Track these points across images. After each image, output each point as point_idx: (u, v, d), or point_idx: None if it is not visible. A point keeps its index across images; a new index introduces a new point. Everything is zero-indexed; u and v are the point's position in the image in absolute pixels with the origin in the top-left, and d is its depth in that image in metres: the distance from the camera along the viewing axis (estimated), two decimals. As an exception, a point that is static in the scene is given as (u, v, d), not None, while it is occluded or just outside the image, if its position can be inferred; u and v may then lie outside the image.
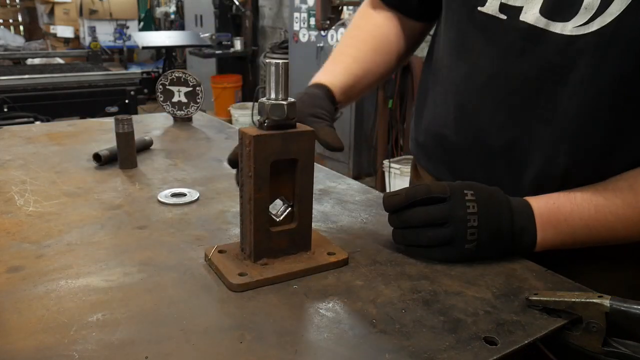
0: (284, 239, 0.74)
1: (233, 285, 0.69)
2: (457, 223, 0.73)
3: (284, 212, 0.75)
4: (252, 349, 0.57)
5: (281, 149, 0.70)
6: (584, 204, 0.75)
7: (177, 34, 6.68)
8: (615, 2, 0.65)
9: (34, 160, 1.18)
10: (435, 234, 0.74)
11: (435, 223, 0.74)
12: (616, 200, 0.73)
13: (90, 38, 8.41)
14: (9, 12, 10.55)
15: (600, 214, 0.74)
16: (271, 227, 0.74)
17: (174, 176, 1.11)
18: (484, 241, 0.74)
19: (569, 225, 0.75)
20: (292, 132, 0.71)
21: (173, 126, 1.51)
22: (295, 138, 0.71)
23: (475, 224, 0.73)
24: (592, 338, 0.62)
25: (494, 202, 0.75)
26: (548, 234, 0.76)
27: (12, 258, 0.75)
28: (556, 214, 0.75)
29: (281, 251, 0.74)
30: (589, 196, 0.75)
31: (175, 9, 8.09)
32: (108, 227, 0.86)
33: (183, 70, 1.49)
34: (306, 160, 0.72)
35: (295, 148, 0.71)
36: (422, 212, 0.75)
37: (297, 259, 0.74)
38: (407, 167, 3.68)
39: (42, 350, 0.56)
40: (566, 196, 0.76)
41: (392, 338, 0.60)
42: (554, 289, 0.71)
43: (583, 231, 0.75)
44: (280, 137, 0.70)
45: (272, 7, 6.19)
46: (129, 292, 0.68)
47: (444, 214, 0.73)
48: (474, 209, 0.73)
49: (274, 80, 0.70)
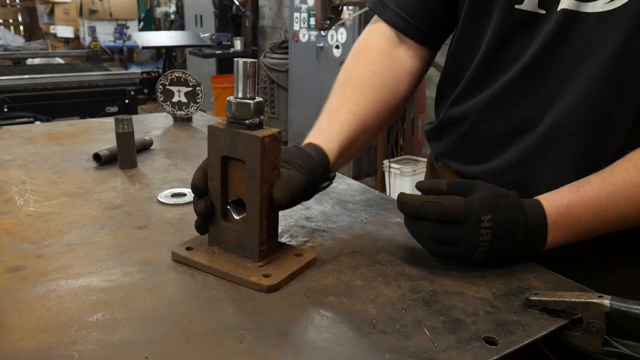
0: (232, 236, 0.75)
1: (172, 254, 0.76)
2: (467, 246, 0.71)
3: (242, 213, 0.74)
4: (252, 349, 0.57)
5: (229, 146, 0.71)
6: (594, 196, 0.73)
7: (177, 34, 6.68)
8: None
9: (34, 160, 1.18)
10: (442, 249, 0.73)
11: (444, 241, 0.73)
12: (625, 183, 0.71)
13: (90, 38, 8.42)
14: (9, 12, 10.55)
15: (612, 202, 0.72)
16: (224, 221, 0.75)
17: (174, 176, 1.11)
18: (491, 259, 0.73)
19: (582, 224, 0.74)
20: (238, 132, 0.70)
21: (173, 126, 1.51)
22: (242, 139, 0.70)
23: (485, 249, 0.71)
24: (592, 338, 0.62)
25: (510, 225, 0.72)
26: (558, 237, 0.75)
27: (12, 258, 0.75)
28: (569, 217, 0.74)
29: (231, 248, 0.75)
30: (599, 186, 0.73)
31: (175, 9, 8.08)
32: (108, 227, 0.86)
33: (183, 70, 1.48)
34: (252, 164, 0.70)
35: (242, 149, 0.70)
36: (432, 228, 0.72)
37: (234, 262, 0.73)
38: (407, 167, 3.68)
39: (42, 350, 0.56)
40: (577, 193, 0.74)
41: (392, 338, 0.60)
42: (554, 289, 0.71)
43: (594, 225, 0.74)
44: (228, 133, 0.71)
45: (272, 7, 6.19)
46: (129, 292, 0.68)
47: (454, 237, 0.71)
48: (487, 236, 0.70)
49: (240, 79, 0.70)
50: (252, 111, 0.70)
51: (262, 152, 0.69)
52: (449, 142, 0.97)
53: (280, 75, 5.28)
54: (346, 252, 0.80)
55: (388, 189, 3.70)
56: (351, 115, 0.89)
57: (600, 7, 0.72)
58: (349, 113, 0.89)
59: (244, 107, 0.70)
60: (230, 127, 0.71)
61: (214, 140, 0.72)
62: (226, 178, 0.74)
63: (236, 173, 0.73)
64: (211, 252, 0.76)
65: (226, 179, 0.74)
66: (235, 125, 0.71)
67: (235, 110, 0.70)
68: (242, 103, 0.70)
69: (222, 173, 0.73)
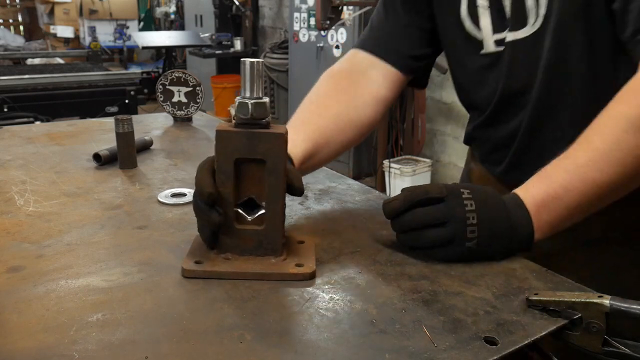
0: (250, 238, 0.74)
1: (183, 270, 0.71)
2: (457, 222, 0.73)
3: (256, 213, 0.74)
4: (252, 349, 0.57)
5: (246, 148, 0.70)
6: (569, 177, 0.75)
7: (177, 34, 6.68)
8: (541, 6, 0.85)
9: (34, 160, 1.18)
10: (437, 234, 0.75)
11: (435, 223, 0.74)
12: (594, 154, 0.74)
13: (90, 38, 8.42)
14: (9, 12, 10.55)
15: (589, 180, 0.74)
16: (237, 224, 0.74)
17: (174, 176, 1.11)
18: (484, 238, 0.74)
19: (564, 205, 0.75)
20: (258, 132, 0.70)
21: (173, 126, 1.51)
22: (262, 138, 0.70)
23: (475, 221, 0.73)
24: (592, 338, 0.62)
25: (490, 199, 0.76)
26: (543, 221, 0.76)
27: (12, 258, 0.75)
28: (545, 199, 0.76)
29: (247, 250, 0.74)
30: (574, 167, 0.75)
31: (175, 9, 8.08)
32: (108, 227, 0.86)
33: (183, 70, 1.49)
34: (275, 161, 0.71)
35: (262, 148, 0.70)
36: (421, 213, 0.75)
37: (259, 262, 0.73)
38: (407, 167, 3.68)
39: (42, 350, 0.56)
40: (550, 177, 0.76)
41: (392, 338, 0.60)
42: (554, 289, 0.71)
43: (577, 203, 0.75)
44: (245, 135, 0.70)
45: (272, 7, 6.19)
46: (129, 292, 0.68)
47: (443, 214, 0.74)
48: (472, 206, 0.74)
49: (248, 79, 0.70)
50: (268, 110, 0.70)
51: (285, 147, 0.70)
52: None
53: (280, 75, 5.28)
54: (346, 252, 0.80)
55: (388, 189, 3.70)
56: (315, 128, 0.96)
57: (525, 33, 0.89)
58: (314, 125, 0.97)
59: (260, 107, 0.70)
60: (242, 128, 0.70)
61: (225, 144, 0.71)
62: (236, 181, 0.73)
63: (248, 174, 0.72)
64: (224, 259, 0.74)
65: (236, 182, 0.73)
66: (248, 125, 0.70)
67: (254, 110, 0.69)
68: (259, 103, 0.69)
69: (234, 176, 0.72)
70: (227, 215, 0.73)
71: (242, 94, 0.71)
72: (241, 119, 0.70)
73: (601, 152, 0.74)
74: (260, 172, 0.72)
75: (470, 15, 0.95)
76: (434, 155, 4.16)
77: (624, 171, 0.73)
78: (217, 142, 0.71)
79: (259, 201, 0.74)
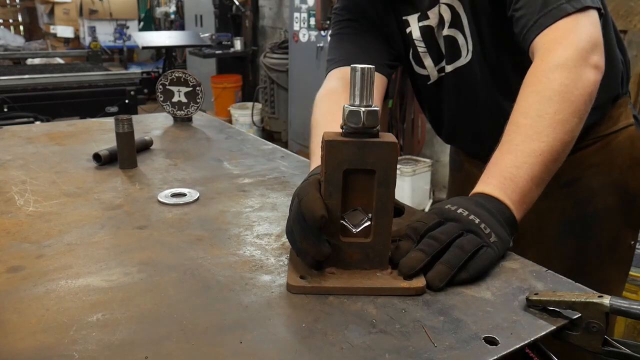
0: (356, 251, 0.71)
1: (289, 287, 0.68)
2: (471, 226, 0.72)
3: (361, 224, 0.72)
4: (252, 349, 0.57)
5: (356, 158, 0.68)
6: (514, 157, 0.81)
7: (177, 34, 6.68)
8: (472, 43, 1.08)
9: (34, 160, 1.18)
10: (467, 240, 0.71)
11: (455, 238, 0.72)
12: (525, 129, 0.82)
13: (90, 38, 8.41)
14: (9, 12, 10.55)
15: (531, 152, 0.80)
16: (343, 237, 0.71)
17: (174, 176, 1.11)
18: (495, 228, 0.74)
19: (522, 182, 0.79)
20: (368, 141, 0.67)
21: (173, 126, 1.51)
22: (373, 148, 0.67)
23: (477, 220, 0.73)
24: (592, 338, 0.62)
25: (469, 203, 0.77)
26: (516, 202, 0.78)
27: (12, 258, 0.75)
28: (503, 183, 0.79)
29: (353, 264, 0.72)
30: (514, 147, 0.82)
31: (175, 9, 8.07)
32: (108, 227, 0.86)
33: (183, 70, 1.49)
34: (385, 172, 0.68)
35: (372, 158, 0.68)
36: (440, 232, 0.72)
37: (366, 276, 0.70)
38: (407, 167, 3.69)
39: (42, 350, 0.56)
40: (498, 165, 0.81)
41: (392, 338, 0.60)
42: (554, 289, 0.71)
43: (531, 175, 0.80)
44: (355, 144, 0.67)
45: (272, 7, 6.19)
46: (129, 292, 0.68)
47: (455, 227, 0.72)
48: (465, 211, 0.74)
49: (359, 87, 0.67)
50: (363, 119, 0.67)
51: (395, 157, 0.68)
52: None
53: (280, 75, 5.28)
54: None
55: (388, 189, 3.70)
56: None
57: (461, 62, 1.11)
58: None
59: (372, 115, 0.67)
60: (352, 137, 0.68)
61: (334, 154, 0.68)
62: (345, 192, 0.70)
63: (357, 185, 0.70)
64: (329, 274, 0.71)
65: (345, 194, 0.70)
66: (359, 135, 0.68)
67: (365, 119, 0.66)
68: (371, 111, 0.67)
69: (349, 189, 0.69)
70: (332, 230, 0.70)
71: (352, 101, 0.68)
72: (351, 127, 0.67)
73: (529, 126, 0.82)
74: (369, 183, 0.69)
75: (414, 59, 1.17)
76: (434, 155, 4.16)
77: (555, 133, 0.82)
78: (326, 153, 0.68)
79: (364, 213, 0.71)
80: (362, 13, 1.16)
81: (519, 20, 0.94)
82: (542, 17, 0.90)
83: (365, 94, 0.67)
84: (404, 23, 1.14)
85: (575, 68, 0.85)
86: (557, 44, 0.87)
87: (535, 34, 0.90)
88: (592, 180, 1.10)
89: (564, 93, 0.83)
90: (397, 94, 3.94)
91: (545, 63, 0.86)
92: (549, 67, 0.86)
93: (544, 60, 0.87)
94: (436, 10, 1.08)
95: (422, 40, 1.13)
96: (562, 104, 0.83)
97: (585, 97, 0.85)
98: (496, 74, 1.10)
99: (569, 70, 0.84)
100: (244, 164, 1.20)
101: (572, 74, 0.84)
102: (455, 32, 1.08)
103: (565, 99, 0.83)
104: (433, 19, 1.09)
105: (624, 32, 2.49)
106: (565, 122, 0.82)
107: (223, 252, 0.79)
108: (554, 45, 0.87)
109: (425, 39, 1.12)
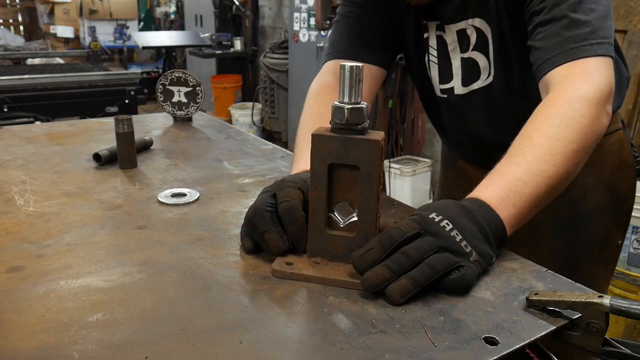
0: (340, 244, 0.73)
1: (273, 271, 0.72)
2: (449, 244, 0.69)
3: (349, 219, 0.73)
4: (252, 349, 0.57)
5: (340, 153, 0.70)
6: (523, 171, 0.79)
7: (177, 34, 6.68)
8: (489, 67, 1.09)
9: (34, 160, 1.18)
10: (440, 259, 0.67)
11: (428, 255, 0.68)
12: (539, 149, 0.81)
13: (90, 38, 8.42)
14: (9, 12, 10.55)
15: (540, 171, 0.79)
16: (329, 230, 0.73)
17: (174, 176, 1.11)
18: (478, 245, 0.71)
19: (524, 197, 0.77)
20: (352, 137, 0.69)
21: (173, 126, 1.51)
22: (356, 144, 0.69)
23: (459, 237, 0.70)
24: (592, 338, 0.62)
25: (457, 211, 0.73)
26: (511, 215, 0.76)
27: (12, 258, 0.75)
28: (507, 194, 0.77)
29: (337, 256, 0.74)
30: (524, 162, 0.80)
31: (175, 9, 8.08)
32: (108, 227, 0.86)
33: (183, 70, 1.49)
34: (369, 169, 0.70)
35: (356, 155, 0.69)
36: (414, 249, 0.68)
37: (348, 269, 0.72)
38: (407, 167, 3.68)
39: (42, 350, 0.56)
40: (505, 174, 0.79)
41: (392, 338, 0.60)
42: (554, 289, 0.71)
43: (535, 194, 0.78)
44: (339, 140, 0.69)
45: (272, 7, 6.19)
46: (129, 292, 0.68)
47: (431, 244, 0.68)
48: (449, 225, 0.70)
49: (347, 84, 0.69)
50: (365, 116, 0.69)
51: (380, 155, 0.69)
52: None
53: (280, 75, 5.28)
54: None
55: (388, 189, 3.70)
56: None
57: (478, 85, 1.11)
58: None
59: (357, 112, 0.69)
60: (338, 133, 0.70)
61: (319, 148, 0.71)
62: (330, 186, 0.72)
63: (341, 180, 0.72)
64: (314, 263, 0.73)
65: (330, 187, 0.72)
66: (344, 131, 0.70)
67: (349, 116, 0.69)
68: (355, 108, 0.69)
69: (327, 181, 0.71)
70: (317, 221, 0.73)
71: (340, 98, 0.70)
72: (337, 123, 0.70)
73: (545, 146, 0.81)
74: (354, 179, 0.71)
75: (427, 63, 1.16)
76: (434, 155, 4.15)
77: (566, 161, 0.80)
78: (312, 146, 0.71)
79: (351, 208, 0.73)
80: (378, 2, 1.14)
81: (537, 51, 0.94)
82: (564, 52, 0.89)
83: (353, 91, 0.69)
84: (423, 27, 1.12)
85: (597, 107, 0.85)
86: (580, 78, 0.87)
87: (555, 66, 0.90)
88: (585, 180, 1.11)
89: (584, 126, 0.83)
90: (397, 94, 3.94)
91: (570, 93, 0.85)
92: (572, 97, 0.85)
93: (567, 90, 0.86)
94: (458, 26, 1.07)
95: (436, 50, 1.13)
96: (580, 135, 0.82)
97: (596, 137, 0.85)
98: (517, 98, 1.09)
99: (592, 106, 0.84)
100: (244, 164, 1.20)
101: (594, 111, 0.84)
102: (477, 54, 1.08)
103: (583, 132, 0.82)
104: (449, 35, 1.09)
105: (624, 32, 2.49)
106: (576, 154, 0.82)
107: (223, 252, 0.79)
108: (577, 79, 0.87)
109: (439, 52, 1.12)
